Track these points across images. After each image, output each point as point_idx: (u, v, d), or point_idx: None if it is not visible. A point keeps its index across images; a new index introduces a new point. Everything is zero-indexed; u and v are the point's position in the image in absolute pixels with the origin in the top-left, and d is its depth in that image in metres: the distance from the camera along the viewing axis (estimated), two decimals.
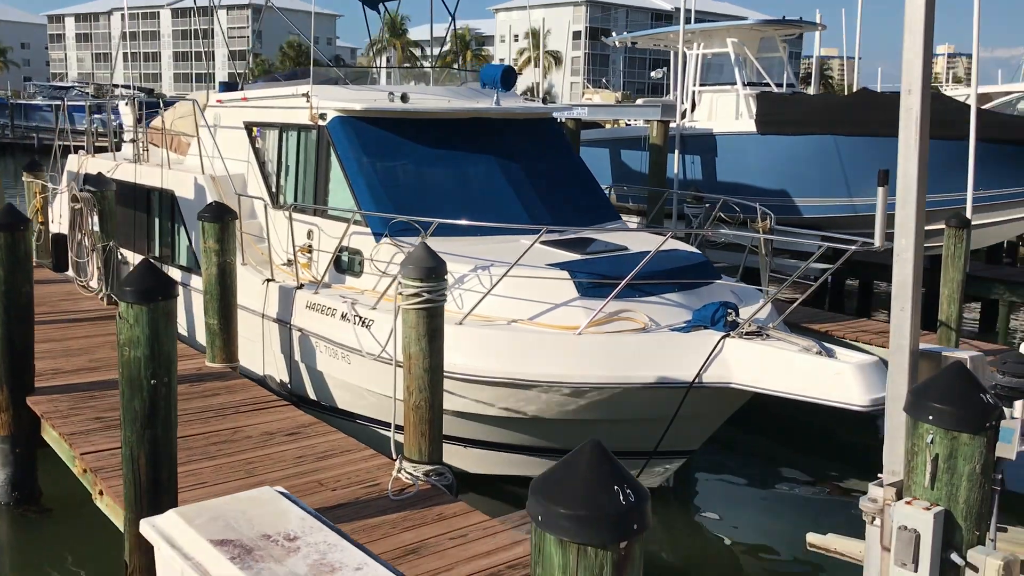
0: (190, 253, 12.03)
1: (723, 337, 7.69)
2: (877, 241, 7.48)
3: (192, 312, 12.01)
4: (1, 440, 8.43)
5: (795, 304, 8.16)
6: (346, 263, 9.93)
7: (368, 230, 9.56)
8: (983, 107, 16.14)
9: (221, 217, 9.44)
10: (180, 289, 11.98)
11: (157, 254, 12.86)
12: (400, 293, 6.64)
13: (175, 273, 12.31)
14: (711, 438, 8.89)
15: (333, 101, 10.28)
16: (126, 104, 15.76)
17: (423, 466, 6.70)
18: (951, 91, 26.50)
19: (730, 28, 16.58)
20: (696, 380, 7.59)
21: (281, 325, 10.07)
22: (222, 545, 4.01)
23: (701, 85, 17.05)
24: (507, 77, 10.69)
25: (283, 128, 11.01)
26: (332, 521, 4.54)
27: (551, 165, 10.93)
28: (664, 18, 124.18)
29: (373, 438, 8.51)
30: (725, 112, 16.50)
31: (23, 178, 15.91)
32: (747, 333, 7.75)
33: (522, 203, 10.15)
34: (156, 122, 14.09)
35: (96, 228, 12.16)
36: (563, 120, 17.38)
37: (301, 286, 9.87)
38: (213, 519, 4.27)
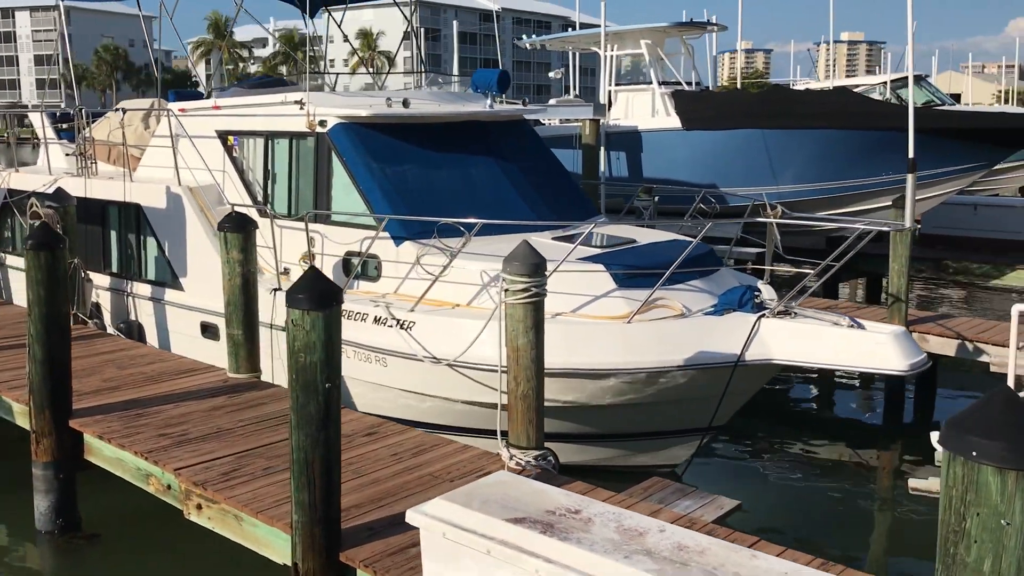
0: (161, 267, 11.78)
1: (759, 317, 8.42)
2: (907, 222, 8.38)
3: (166, 327, 11.78)
4: (44, 466, 8.17)
5: (812, 288, 8.95)
6: (358, 268, 10.08)
7: (386, 234, 9.74)
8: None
9: (244, 227, 9.42)
10: (152, 305, 11.82)
11: (117, 269, 12.48)
12: (505, 289, 6.99)
13: (144, 288, 12.02)
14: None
15: (334, 108, 10.38)
16: (45, 116, 15.06)
17: (531, 451, 7.08)
18: (816, 85, 28.61)
19: (643, 30, 17.53)
20: (740, 358, 8.29)
21: None
22: (521, 523, 4.33)
23: (616, 85, 17.91)
24: (503, 81, 11.10)
25: (270, 136, 10.99)
26: None
27: (537, 163, 11.42)
28: (489, 18, 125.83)
29: None
30: (642, 110, 17.43)
31: None
32: (778, 313, 8.52)
33: (525, 201, 10.61)
34: (95, 132, 13.60)
35: None
36: None
37: None
38: (485, 502, 4.57)
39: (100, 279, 12.62)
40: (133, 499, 9.20)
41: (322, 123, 10.37)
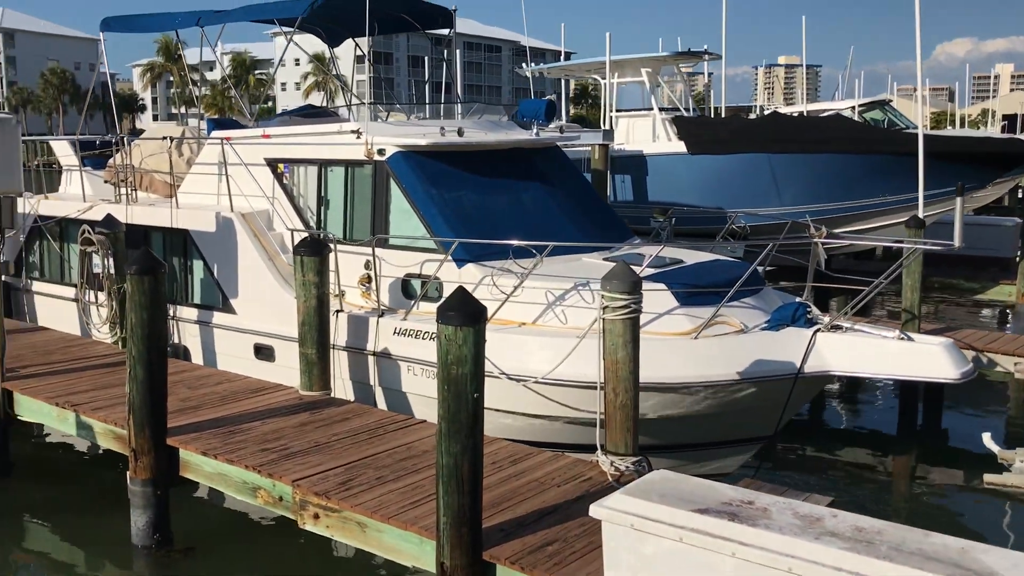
0: (210, 291, 12.07)
1: (815, 332, 9.04)
2: (956, 241, 9.08)
3: (214, 349, 12.06)
4: (143, 483, 8.45)
5: (859, 303, 9.55)
6: (415, 289, 10.51)
7: (449, 256, 10.19)
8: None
9: (320, 251, 9.83)
10: (198, 328, 12.09)
11: None
12: (605, 306, 7.52)
13: (189, 312, 12.28)
14: None
15: (392, 137, 10.84)
16: (69, 144, 15.26)
17: (629, 457, 7.61)
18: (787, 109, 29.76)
19: (644, 59, 18.28)
20: (800, 370, 8.89)
21: (355, 353, 10.49)
22: (706, 512, 4.84)
23: (617, 111, 18.63)
24: (550, 111, 11.67)
25: (324, 164, 11.39)
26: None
27: (575, 187, 11.99)
28: (444, 43, 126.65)
29: None
30: (642, 135, 18.15)
31: None
32: (832, 327, 9.15)
33: (572, 223, 11.16)
34: (117, 160, 13.81)
35: (112, 271, 11.97)
36: None
37: (383, 314, 10.36)
38: (664, 496, 5.08)
39: None
40: (220, 514, 9.60)
41: (380, 151, 10.82)
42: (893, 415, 13.23)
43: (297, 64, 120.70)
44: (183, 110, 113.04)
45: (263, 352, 11.40)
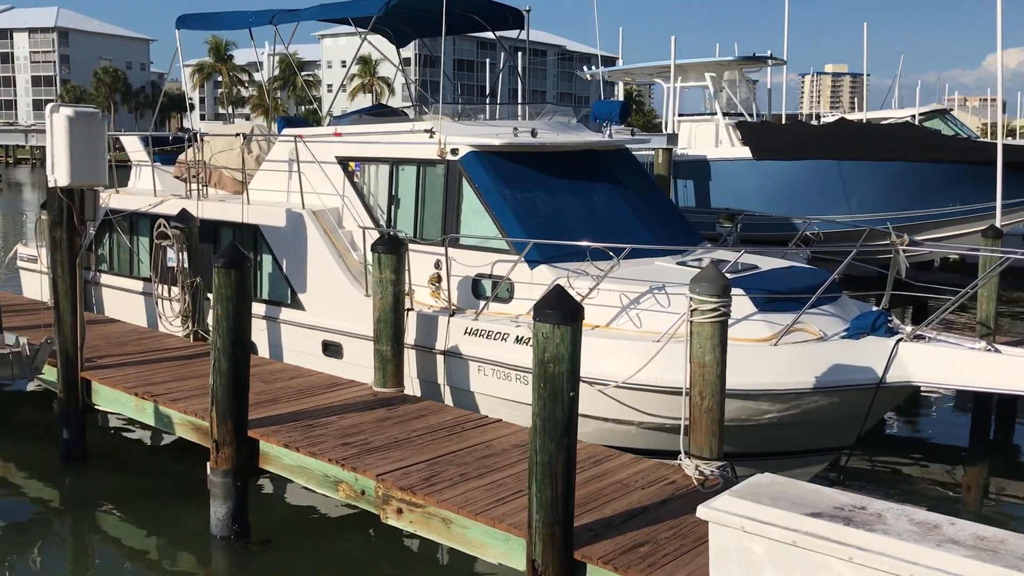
0: (279, 287, 12.17)
1: (897, 341, 8.90)
2: None
3: (282, 345, 12.15)
4: (224, 474, 8.52)
5: (943, 313, 9.39)
6: (485, 289, 10.50)
7: (522, 258, 10.17)
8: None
9: (396, 249, 9.88)
10: (266, 323, 12.17)
11: None
12: (694, 309, 7.46)
13: (258, 307, 12.37)
14: None
15: (465, 137, 10.86)
16: (140, 139, 15.48)
17: (714, 462, 7.54)
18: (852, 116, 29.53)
19: (708, 63, 18.19)
20: (882, 380, 8.76)
21: (424, 351, 10.51)
22: (820, 517, 4.78)
23: (680, 116, 18.54)
24: (624, 113, 11.64)
25: (396, 163, 11.45)
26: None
27: (646, 190, 11.93)
28: (489, 46, 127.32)
29: None
30: (705, 140, 18.03)
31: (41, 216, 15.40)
32: (915, 336, 9.00)
33: (643, 226, 11.10)
34: (189, 156, 13.99)
35: (186, 265, 12.11)
36: None
37: (453, 313, 10.38)
38: (775, 499, 5.02)
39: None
40: (291, 507, 9.69)
41: (453, 151, 10.84)
42: (965, 428, 13.01)
43: (343, 65, 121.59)
44: (230, 110, 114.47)
45: (331, 349, 11.47)
